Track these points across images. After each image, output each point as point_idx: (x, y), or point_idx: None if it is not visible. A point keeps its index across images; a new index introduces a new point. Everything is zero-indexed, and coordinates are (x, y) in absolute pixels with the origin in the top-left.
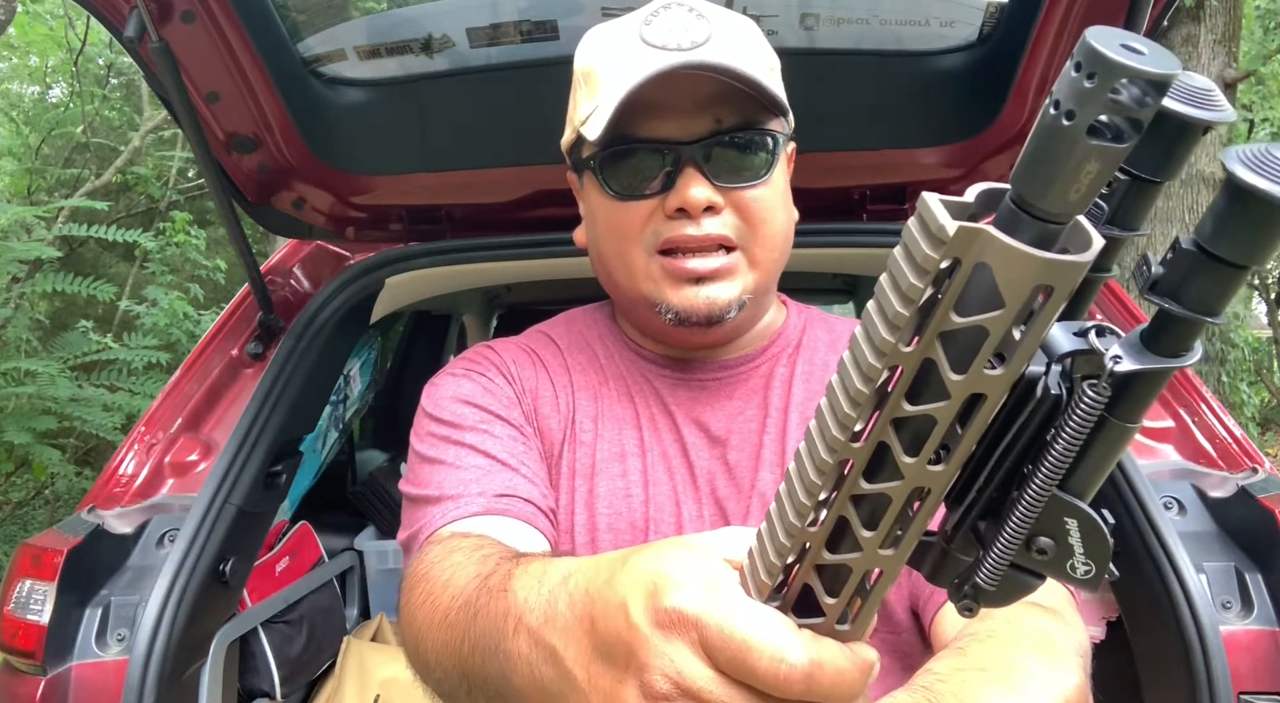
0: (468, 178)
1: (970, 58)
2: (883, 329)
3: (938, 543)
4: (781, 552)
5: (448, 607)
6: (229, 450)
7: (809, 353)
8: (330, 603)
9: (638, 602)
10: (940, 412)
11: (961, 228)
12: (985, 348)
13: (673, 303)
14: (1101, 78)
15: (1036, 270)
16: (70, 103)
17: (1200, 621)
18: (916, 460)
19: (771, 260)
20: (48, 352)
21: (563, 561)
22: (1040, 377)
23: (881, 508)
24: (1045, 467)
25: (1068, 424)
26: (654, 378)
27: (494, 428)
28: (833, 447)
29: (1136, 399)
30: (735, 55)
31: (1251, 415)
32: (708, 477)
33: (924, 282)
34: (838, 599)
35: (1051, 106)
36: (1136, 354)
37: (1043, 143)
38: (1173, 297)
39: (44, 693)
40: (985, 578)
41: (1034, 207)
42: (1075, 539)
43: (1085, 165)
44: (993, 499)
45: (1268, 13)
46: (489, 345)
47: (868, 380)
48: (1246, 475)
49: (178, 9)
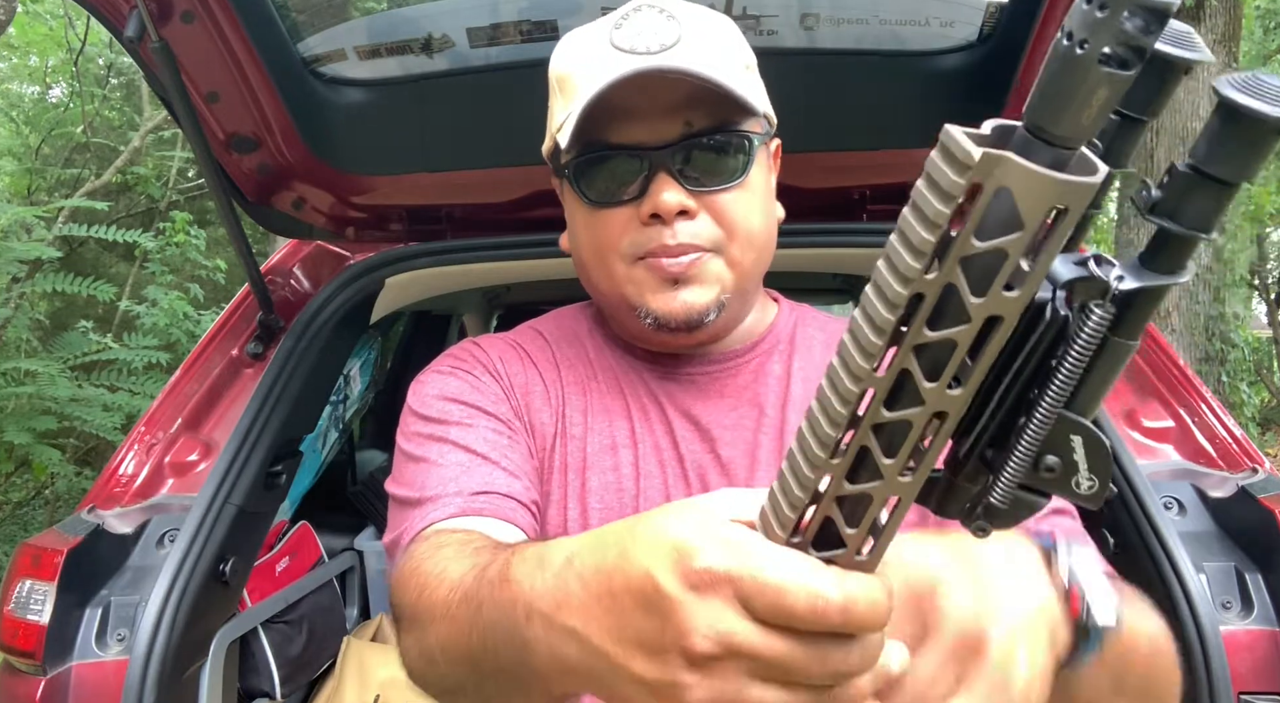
0: (468, 178)
1: (970, 58)
2: (908, 256)
3: (944, 477)
4: (806, 485)
5: (446, 600)
6: (229, 450)
7: (805, 351)
8: (330, 603)
9: (665, 570)
10: (961, 335)
11: (986, 153)
12: (1004, 270)
13: (652, 307)
14: (1112, 8)
15: (1054, 191)
16: (70, 103)
17: (1200, 621)
18: (937, 385)
19: (750, 261)
20: (48, 352)
21: (559, 542)
22: (1048, 301)
23: (901, 435)
24: (1054, 386)
25: (1075, 344)
26: (643, 372)
27: (478, 422)
28: (858, 375)
29: (1137, 317)
30: (706, 57)
31: (1251, 415)
32: (698, 471)
33: (949, 206)
34: (858, 529)
35: (1065, 37)
36: (1136, 273)
37: (1057, 72)
38: (1170, 216)
39: (44, 693)
40: (999, 498)
41: (1048, 132)
42: (1080, 456)
43: (1097, 91)
44: (1002, 425)
45: (1268, 13)
46: (475, 342)
47: (892, 307)
48: (1246, 475)
49: (178, 9)
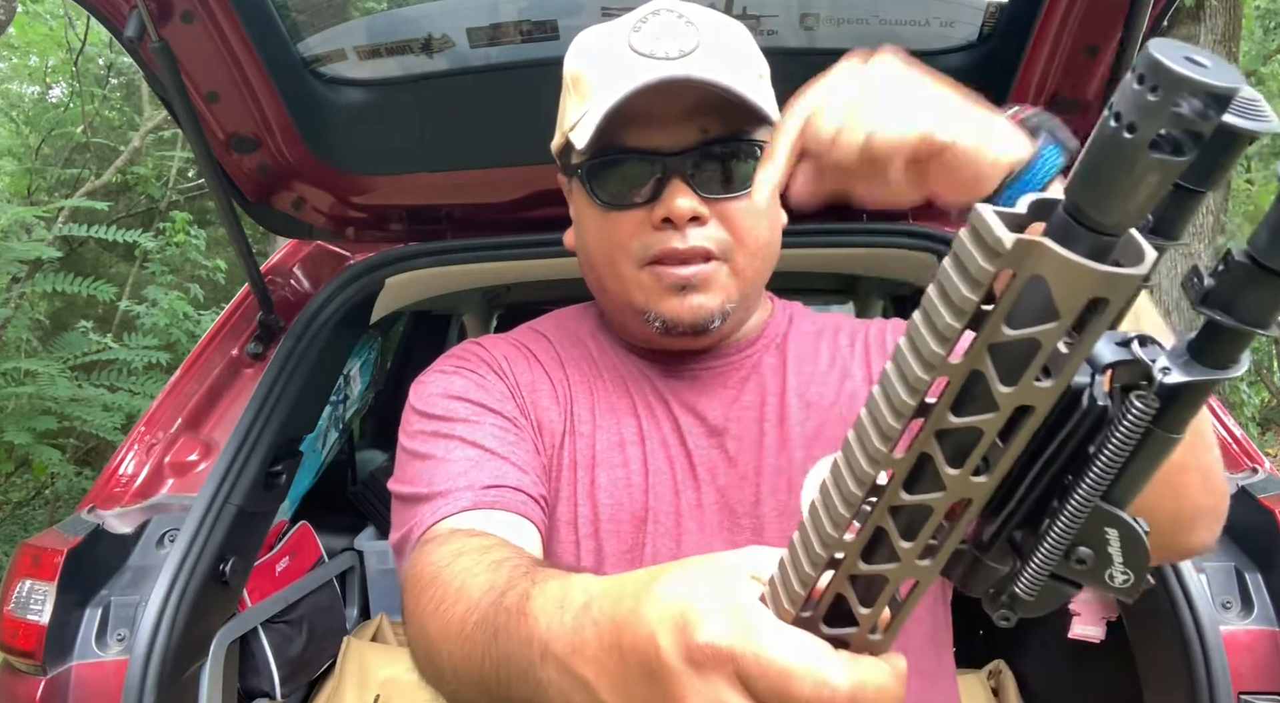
0: (468, 178)
1: (970, 58)
2: (931, 341)
3: (969, 551)
4: (816, 562)
5: (463, 619)
6: (229, 450)
7: (796, 342)
8: (330, 603)
9: (668, 638)
10: (987, 424)
11: (1019, 240)
12: (1037, 360)
13: (660, 311)
14: (1165, 91)
15: (1094, 283)
16: (70, 103)
17: (1200, 621)
18: (960, 472)
19: (756, 269)
20: (48, 352)
21: (582, 581)
22: (1085, 388)
23: (920, 519)
24: (1090, 478)
25: (1114, 436)
26: (646, 369)
27: (484, 419)
28: (874, 458)
29: (1183, 410)
30: (723, 65)
31: (1251, 415)
32: (708, 466)
33: (977, 293)
34: (872, 609)
35: (1112, 119)
36: (1184, 366)
37: (1102, 155)
38: (1224, 309)
39: (44, 693)
40: (1025, 588)
41: (1090, 218)
42: (1115, 549)
43: (1146, 178)
44: (1032, 509)
45: (1268, 13)
46: (478, 342)
47: (914, 392)
48: (1246, 475)
49: (178, 9)
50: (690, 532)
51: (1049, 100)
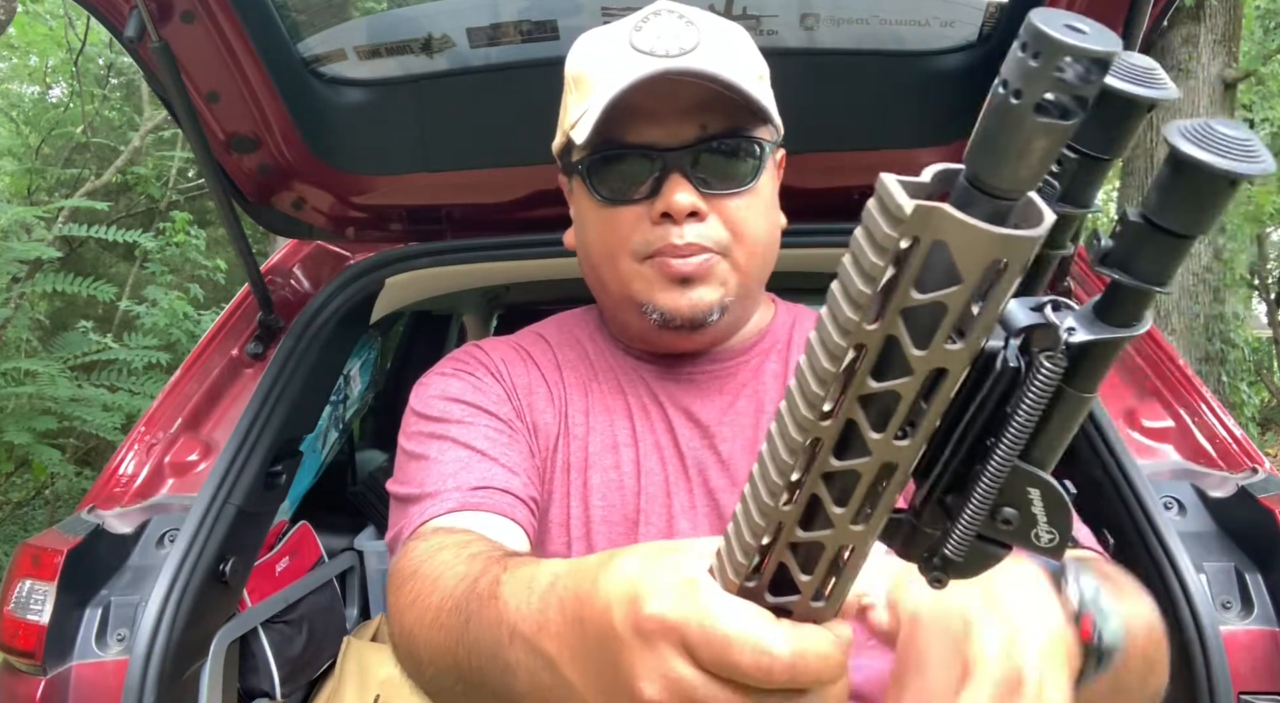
0: (468, 178)
1: (970, 58)
2: (846, 308)
3: (907, 518)
4: (756, 532)
5: (438, 608)
6: (229, 450)
7: (800, 348)
8: (330, 603)
9: (619, 610)
10: (904, 387)
11: (918, 206)
12: (945, 323)
13: (659, 304)
14: (1046, 56)
15: (991, 246)
16: (70, 103)
17: (1200, 621)
18: (883, 436)
19: (754, 267)
20: (48, 352)
21: (549, 563)
22: (999, 351)
23: (851, 485)
24: (1006, 438)
25: (1026, 396)
26: (644, 371)
27: (478, 420)
28: (802, 425)
29: (1092, 369)
30: (723, 62)
31: (1251, 415)
32: (699, 467)
33: (885, 260)
34: (812, 576)
35: (1000, 86)
36: (1090, 325)
37: (993, 122)
38: (1123, 268)
39: (44, 693)
40: (953, 549)
41: (987, 184)
42: (1039, 508)
43: (1034, 142)
44: (958, 473)
45: (1268, 13)
46: (477, 345)
47: (834, 359)
48: (1246, 475)
49: (178, 9)
50: (683, 532)
51: None
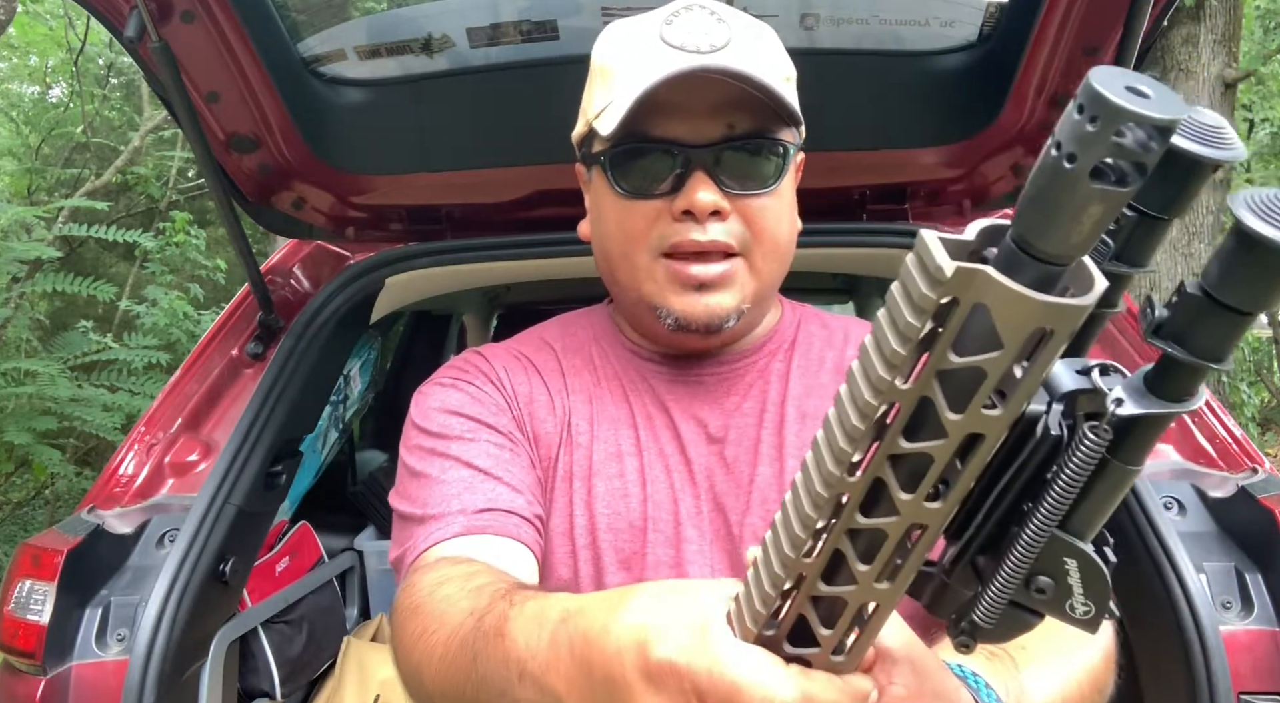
0: (468, 178)
1: (970, 58)
2: (880, 366)
3: (937, 574)
4: (776, 583)
5: (445, 644)
6: (229, 450)
7: (804, 348)
8: (330, 603)
9: (629, 653)
10: (937, 450)
11: (960, 268)
12: (983, 388)
13: (674, 308)
14: (1104, 121)
15: (1036, 313)
16: (70, 103)
17: (1200, 621)
18: (913, 497)
19: (772, 270)
20: (48, 352)
21: (557, 599)
22: (1041, 415)
23: (878, 542)
24: (1045, 507)
25: (1068, 465)
26: (650, 375)
27: (480, 436)
28: (828, 481)
29: (1139, 442)
30: (753, 62)
31: (1251, 415)
32: (706, 473)
33: (921, 321)
34: (833, 631)
35: (1053, 148)
36: (1139, 397)
37: (1044, 185)
38: (1178, 341)
39: (44, 693)
40: (983, 615)
41: (1035, 247)
42: (1075, 579)
43: (1088, 208)
44: (992, 535)
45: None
46: (479, 352)
47: (864, 416)
48: (1246, 475)
49: (178, 9)
50: (690, 539)
51: (1049, 100)
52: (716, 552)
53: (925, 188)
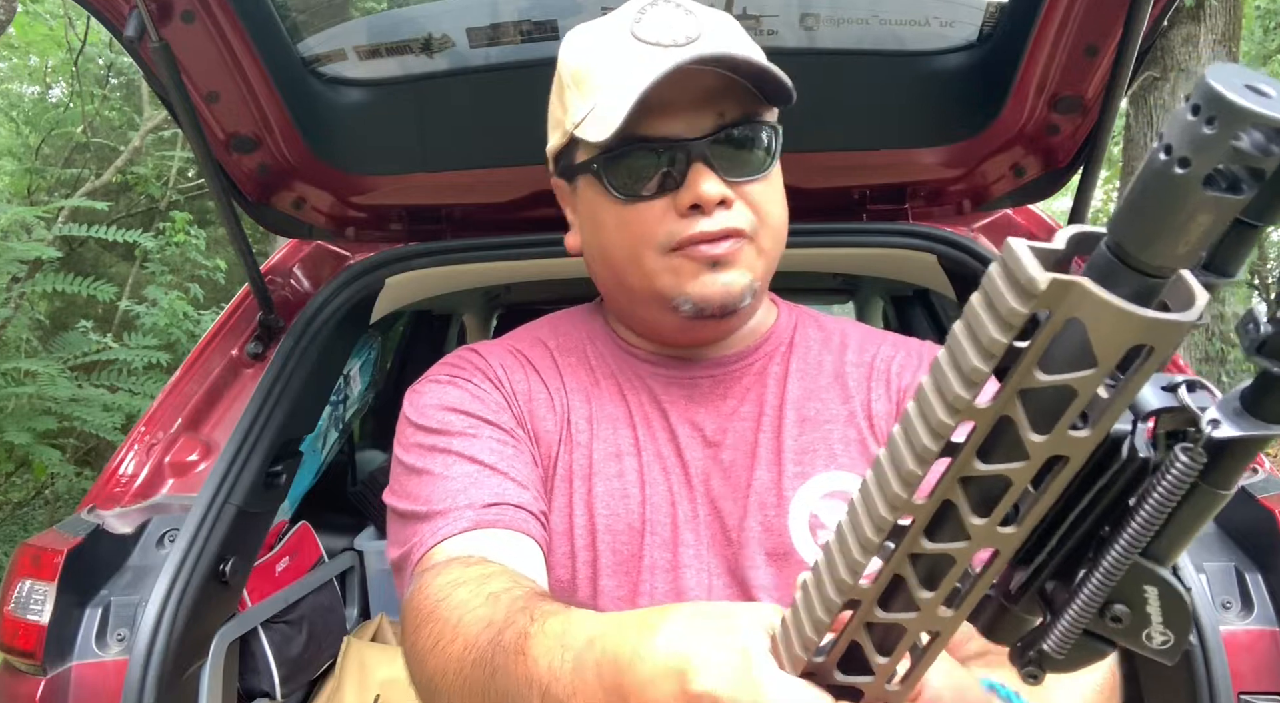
0: (468, 178)
1: (970, 58)
2: (957, 384)
3: (997, 598)
4: (830, 608)
5: (461, 658)
6: (229, 450)
7: (802, 351)
8: (330, 603)
9: (666, 683)
10: (1016, 473)
11: (1055, 281)
12: (1072, 409)
13: (691, 293)
14: (1223, 123)
15: (1137, 329)
16: (70, 103)
17: (1200, 621)
18: (986, 522)
19: (775, 252)
20: (48, 352)
21: (582, 619)
22: (1126, 435)
23: (942, 568)
24: (1129, 533)
25: (1156, 490)
26: (646, 376)
27: (481, 432)
28: (893, 503)
29: (1232, 465)
30: (734, 44)
31: None
32: (703, 476)
33: (1007, 336)
34: (889, 659)
35: (1162, 151)
36: (1235, 418)
37: (1151, 191)
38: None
39: (44, 693)
40: (1054, 646)
41: (1136, 258)
42: (1154, 608)
43: (1197, 217)
44: (1065, 561)
45: (1268, 13)
46: (473, 349)
47: (937, 436)
48: (1247, 476)
49: (178, 9)
50: (687, 543)
51: (1049, 100)
52: (713, 557)
53: (925, 188)
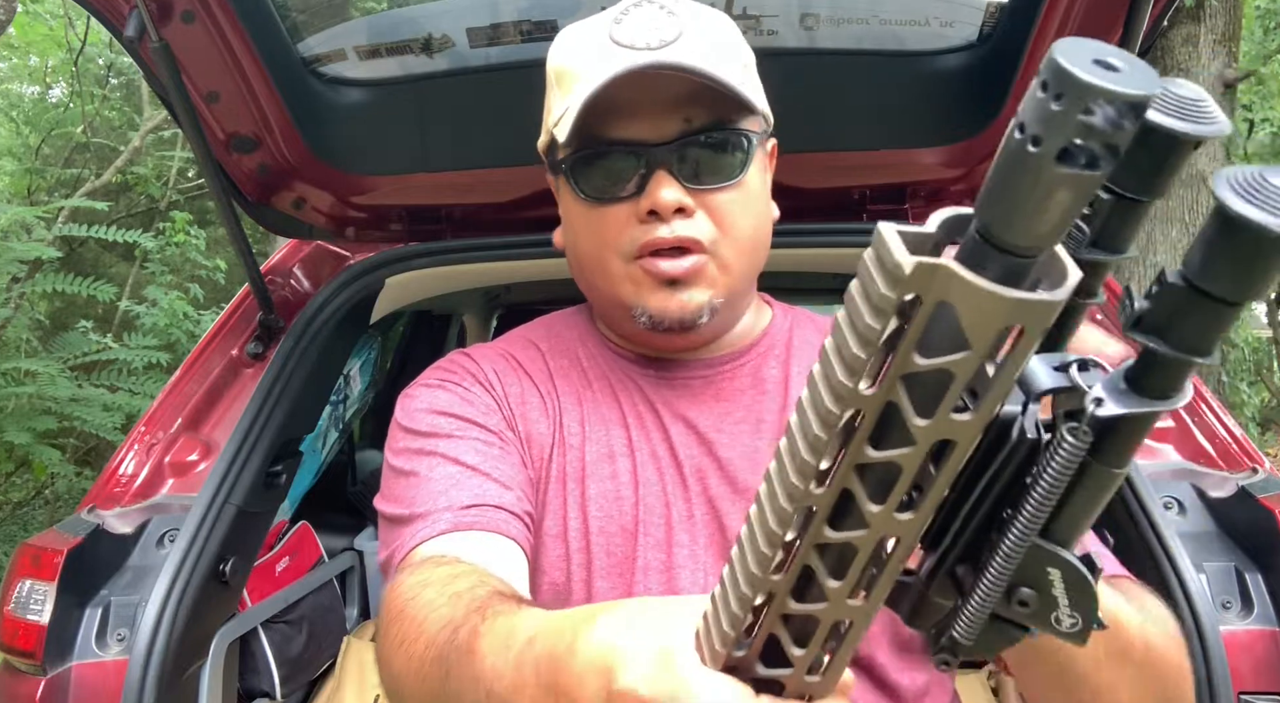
0: (468, 178)
1: (970, 58)
2: (840, 372)
3: (916, 584)
4: (744, 601)
5: (421, 657)
6: (229, 450)
7: (801, 356)
8: (330, 603)
9: (593, 680)
10: (906, 458)
11: (919, 264)
12: (951, 392)
13: (648, 306)
14: (1070, 99)
15: (1004, 310)
16: (70, 103)
17: (1200, 621)
18: (883, 508)
19: (742, 264)
20: (48, 352)
21: (529, 617)
22: (1017, 417)
23: (848, 557)
24: (1024, 514)
25: (1047, 470)
26: (637, 376)
27: (468, 434)
28: (792, 494)
29: (1121, 443)
30: (705, 53)
31: (1251, 415)
32: (698, 475)
33: (881, 322)
34: (805, 650)
35: (1016, 130)
36: (1120, 396)
37: (1007, 170)
38: (1159, 335)
39: (44, 693)
40: (963, 630)
41: (1000, 239)
42: (1059, 590)
43: (1055, 195)
44: (971, 543)
45: (1268, 13)
46: (465, 353)
47: (826, 425)
48: (1246, 476)
49: (178, 9)
50: (682, 544)
51: None
52: (710, 557)
53: (925, 188)
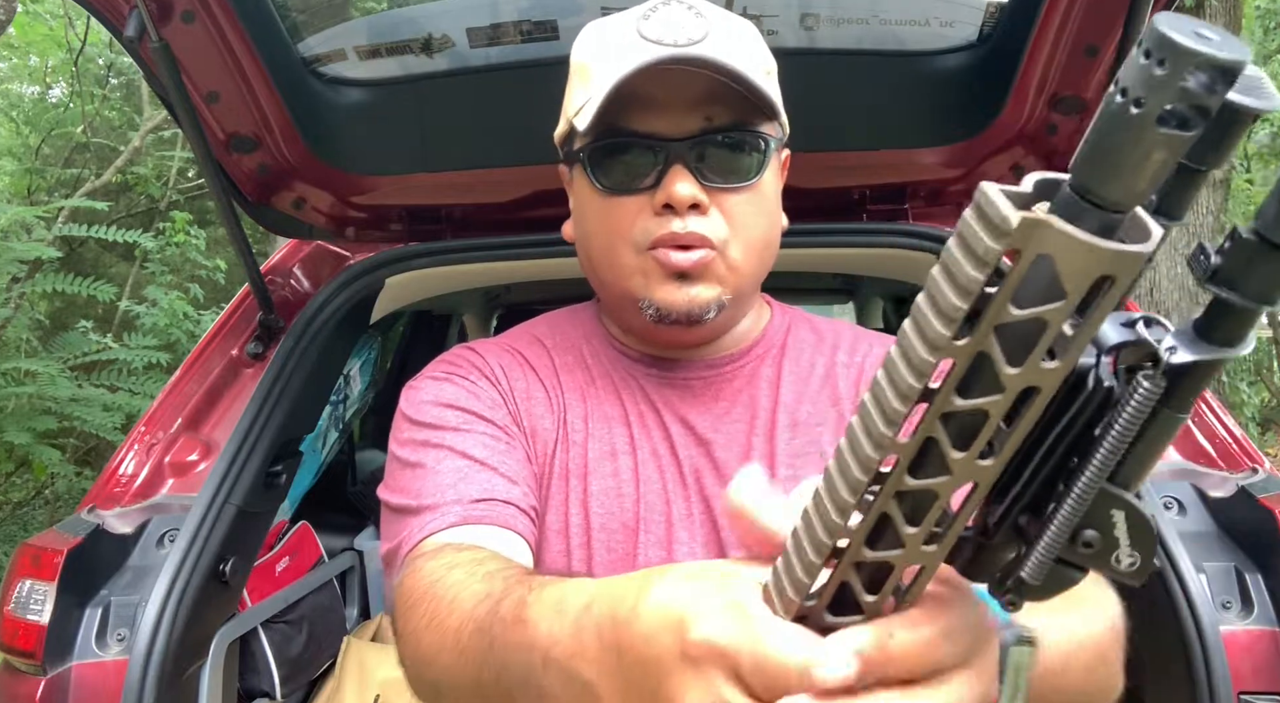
0: (468, 178)
1: (970, 58)
2: (937, 322)
3: (974, 537)
4: (820, 549)
5: (458, 631)
6: (229, 450)
7: (794, 354)
8: (330, 603)
9: (666, 635)
10: (993, 406)
11: (1025, 218)
12: (1043, 341)
13: (656, 298)
14: (1172, 64)
15: (1102, 261)
16: (70, 103)
17: (1200, 621)
18: (966, 455)
19: (751, 265)
20: (48, 352)
21: (579, 584)
22: (1090, 369)
23: (925, 504)
24: (1097, 460)
25: (1121, 416)
26: (639, 376)
27: (475, 427)
28: (879, 443)
29: (1190, 389)
30: (730, 54)
31: (1251, 415)
32: (694, 474)
33: (983, 272)
34: (877, 597)
35: (1119, 94)
36: (1191, 344)
37: (1109, 131)
38: (1230, 286)
39: (44, 693)
40: (1031, 573)
41: (1097, 195)
42: (1121, 532)
43: (1153, 153)
44: (1037, 493)
45: (1268, 13)
46: (471, 347)
47: (919, 374)
48: (1246, 476)
49: (178, 9)
50: (681, 541)
51: (1049, 100)
52: (708, 555)
53: (925, 188)
